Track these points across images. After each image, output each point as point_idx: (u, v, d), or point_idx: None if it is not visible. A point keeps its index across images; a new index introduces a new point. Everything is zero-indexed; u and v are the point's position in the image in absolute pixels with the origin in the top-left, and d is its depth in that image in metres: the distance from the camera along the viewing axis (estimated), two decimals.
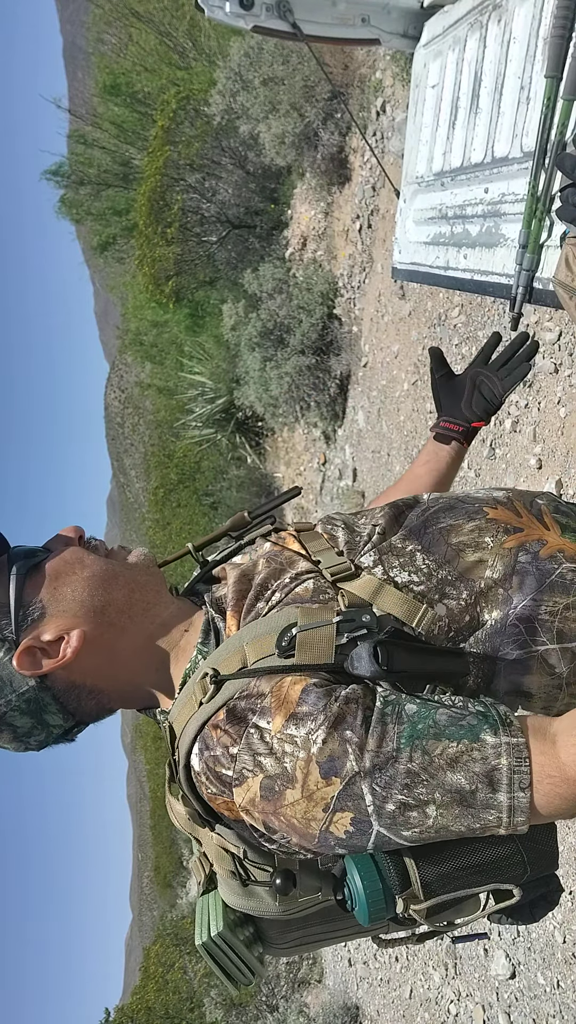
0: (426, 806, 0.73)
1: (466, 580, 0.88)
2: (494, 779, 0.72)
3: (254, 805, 0.77)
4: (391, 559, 0.90)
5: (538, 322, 3.49)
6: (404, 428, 5.26)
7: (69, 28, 45.00)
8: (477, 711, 0.77)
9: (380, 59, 5.63)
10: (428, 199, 2.36)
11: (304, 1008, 6.73)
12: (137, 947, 31.62)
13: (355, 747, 0.73)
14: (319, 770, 0.74)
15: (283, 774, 0.75)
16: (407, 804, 0.73)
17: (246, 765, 0.77)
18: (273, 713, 0.77)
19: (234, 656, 0.84)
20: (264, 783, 0.76)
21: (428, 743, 0.74)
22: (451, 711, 0.76)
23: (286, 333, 6.86)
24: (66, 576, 0.89)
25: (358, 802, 0.73)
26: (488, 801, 0.72)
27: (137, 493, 22.31)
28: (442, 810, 0.73)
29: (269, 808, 0.76)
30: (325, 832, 0.75)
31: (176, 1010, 10.16)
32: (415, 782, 0.72)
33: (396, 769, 0.73)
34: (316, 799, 0.74)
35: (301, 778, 0.74)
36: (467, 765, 0.72)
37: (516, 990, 3.31)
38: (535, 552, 0.90)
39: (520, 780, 0.72)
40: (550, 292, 1.62)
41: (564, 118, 1.55)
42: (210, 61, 9.49)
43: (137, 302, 11.77)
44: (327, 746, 0.74)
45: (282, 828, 0.77)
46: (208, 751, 0.81)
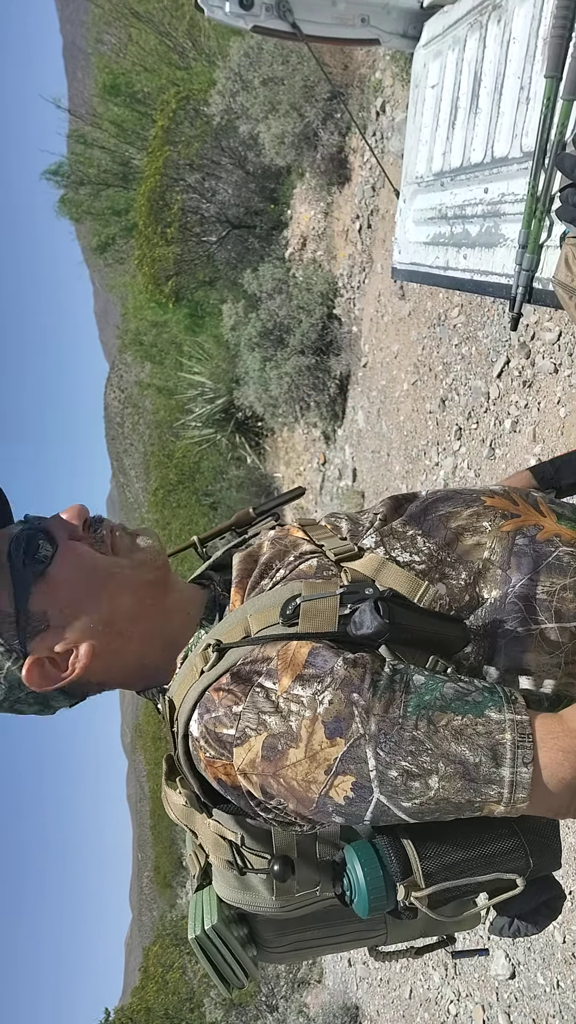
0: (429, 776, 0.72)
1: (465, 561, 0.89)
2: (498, 753, 0.72)
3: (254, 766, 0.76)
4: (392, 541, 0.92)
5: (538, 322, 3.49)
6: (404, 428, 5.26)
7: (69, 28, 45.01)
8: (483, 687, 0.78)
9: (380, 59, 5.63)
10: (428, 199, 2.36)
11: (304, 1008, 6.73)
12: (137, 947, 31.62)
13: (362, 710, 0.73)
14: (324, 729, 0.73)
15: (287, 732, 0.75)
16: (410, 772, 0.73)
17: (249, 724, 0.77)
18: (280, 674, 0.77)
19: (237, 627, 0.85)
20: (267, 741, 0.75)
21: (434, 714, 0.74)
22: (458, 686, 0.77)
23: (286, 333, 6.86)
24: (72, 587, 0.86)
25: (361, 766, 0.73)
26: (491, 775, 0.72)
27: (137, 493, 22.31)
28: (444, 781, 0.73)
29: (269, 769, 0.76)
30: (324, 796, 0.75)
31: (176, 1010, 10.16)
32: (420, 750, 0.72)
33: (402, 736, 0.73)
34: (319, 759, 0.74)
35: (306, 737, 0.74)
36: (471, 738, 0.73)
37: (516, 990, 3.31)
38: (532, 536, 0.92)
39: (524, 755, 0.72)
40: (550, 292, 1.62)
41: (564, 118, 1.55)
42: (210, 61, 9.49)
43: (137, 302, 11.77)
44: (333, 707, 0.74)
45: (280, 792, 0.76)
46: (209, 713, 0.80)
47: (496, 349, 3.91)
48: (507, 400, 3.78)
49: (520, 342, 3.64)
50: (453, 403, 4.44)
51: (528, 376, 3.59)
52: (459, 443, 4.31)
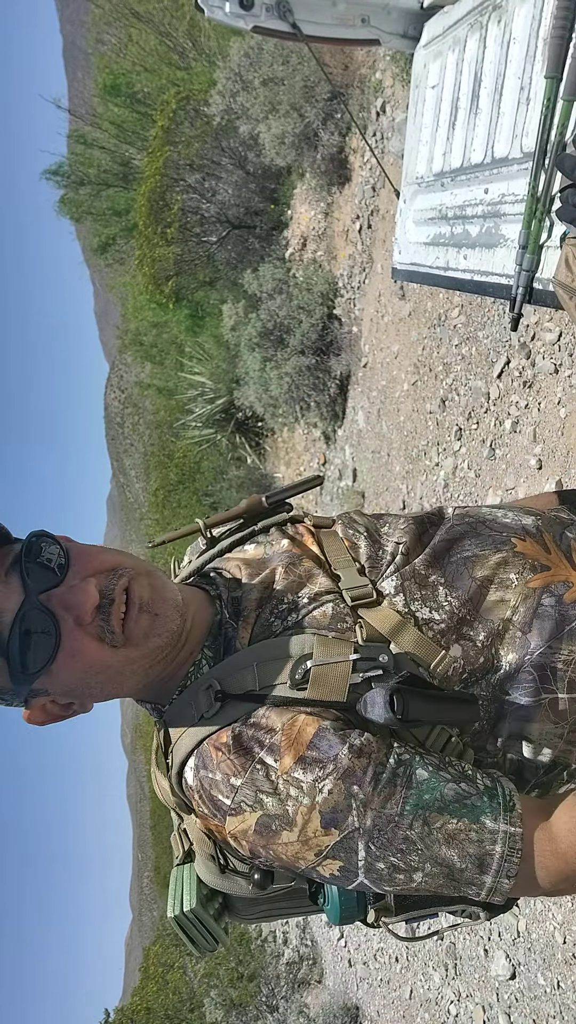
0: (414, 872, 0.75)
1: (485, 620, 0.86)
2: (484, 863, 0.74)
3: (245, 836, 0.77)
4: (413, 589, 0.87)
5: (538, 322, 3.49)
6: (404, 428, 5.26)
7: (69, 28, 45.01)
8: (485, 787, 0.78)
9: (380, 59, 5.63)
10: (428, 199, 2.36)
11: (304, 1008, 6.73)
12: (137, 947, 31.61)
13: (360, 803, 0.74)
14: (320, 819, 0.74)
15: (283, 815, 0.75)
16: (397, 867, 0.74)
17: (246, 799, 0.77)
18: (282, 752, 0.77)
19: (242, 675, 0.82)
20: (262, 819, 0.76)
21: (431, 815, 0.75)
22: (459, 787, 0.77)
23: (286, 333, 6.86)
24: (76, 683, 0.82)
25: (351, 855, 0.75)
26: (473, 879, 0.75)
27: (137, 493, 22.31)
28: (428, 878, 0.75)
29: (261, 842, 0.77)
30: (311, 870, 0.77)
31: (176, 1010, 10.15)
32: (410, 849, 0.74)
33: (395, 834, 0.74)
34: (311, 845, 0.75)
35: (301, 823, 0.75)
36: (463, 844, 0.74)
37: (516, 991, 3.31)
38: (559, 595, 0.87)
39: (509, 869, 0.74)
40: (550, 293, 1.62)
41: (564, 118, 1.55)
42: (210, 61, 9.49)
43: (137, 302, 11.77)
44: (332, 797, 0.74)
45: (269, 857, 0.78)
46: (205, 771, 0.80)
47: (496, 349, 3.91)
48: (507, 400, 3.78)
49: (520, 342, 3.64)
50: (453, 403, 4.44)
51: (528, 376, 3.59)
52: (459, 443, 4.31)
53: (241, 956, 8.26)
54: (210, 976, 8.55)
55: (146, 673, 0.85)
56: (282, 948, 7.96)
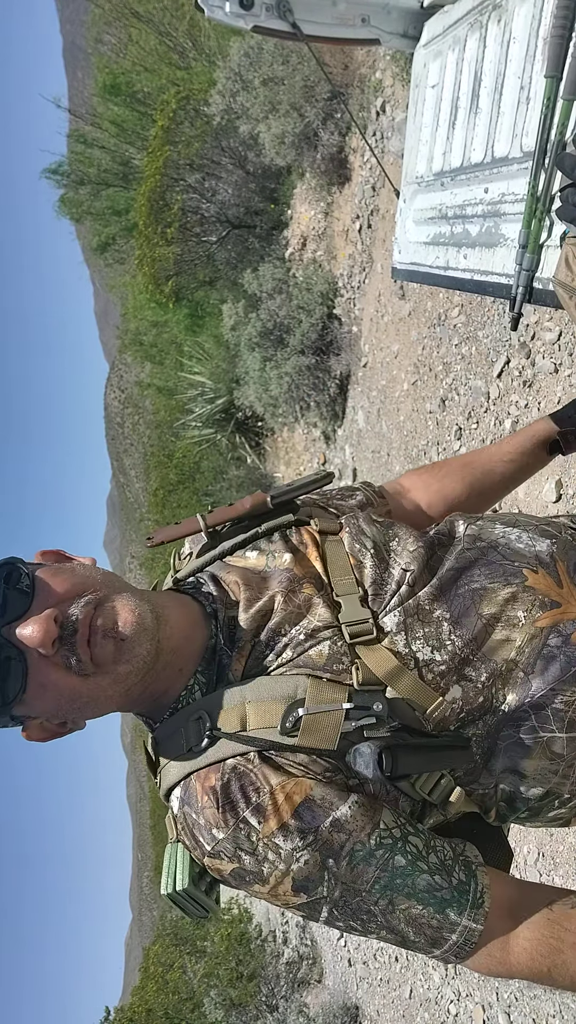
0: (369, 934, 0.82)
1: (488, 660, 0.85)
2: (437, 942, 0.80)
3: (219, 874, 0.83)
4: (416, 626, 0.86)
5: (538, 322, 3.49)
6: (404, 428, 5.26)
7: (69, 28, 45.00)
8: (459, 882, 0.80)
9: (380, 59, 5.63)
10: (428, 199, 2.36)
11: (304, 1008, 6.73)
12: (137, 947, 31.61)
13: (331, 876, 0.78)
14: (292, 884, 0.78)
15: (258, 873, 0.79)
16: (353, 928, 0.81)
17: (225, 851, 0.80)
18: (268, 815, 0.78)
19: (233, 712, 0.82)
20: (237, 871, 0.80)
21: (397, 897, 0.79)
22: (432, 880, 0.79)
23: (286, 333, 6.86)
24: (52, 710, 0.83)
25: (314, 913, 0.81)
26: (424, 949, 0.81)
27: (137, 493, 22.30)
28: (382, 940, 0.83)
29: (233, 882, 0.83)
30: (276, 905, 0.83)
31: (176, 1010, 10.15)
32: (370, 919, 0.80)
33: (360, 906, 0.79)
34: (280, 898, 0.80)
35: (273, 883, 0.79)
36: (421, 927, 0.79)
37: (516, 989, 3.31)
38: (567, 635, 0.86)
39: (459, 953, 0.80)
40: (550, 292, 1.62)
41: (564, 118, 1.55)
42: (210, 61, 9.49)
43: (137, 302, 11.77)
44: (307, 867, 0.78)
45: (241, 890, 0.84)
46: (190, 809, 0.81)
47: (496, 349, 3.91)
48: (507, 400, 3.78)
49: (520, 342, 3.64)
50: (453, 403, 4.44)
51: (528, 376, 3.59)
52: (459, 443, 4.31)
53: (241, 956, 8.26)
54: (210, 976, 8.55)
55: (126, 695, 0.84)
56: (282, 948, 7.96)
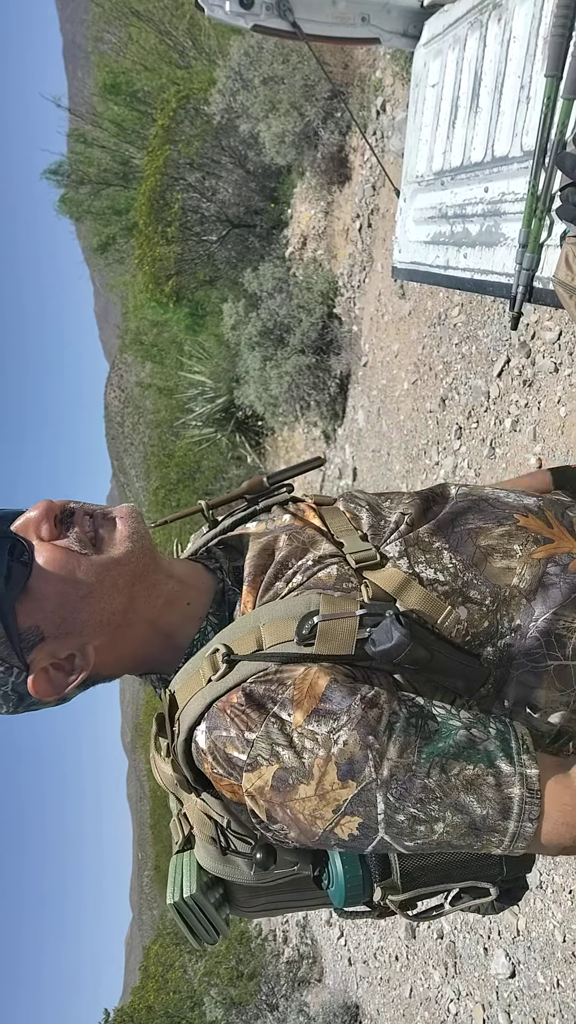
0: (435, 822, 0.73)
1: (490, 584, 0.86)
2: (506, 807, 0.73)
3: (262, 793, 0.76)
4: (417, 552, 0.88)
5: (538, 321, 3.49)
6: (404, 427, 5.26)
7: (69, 27, 44.98)
8: (498, 731, 0.77)
9: (380, 58, 5.62)
10: (428, 198, 2.36)
11: (304, 1007, 6.73)
12: (137, 946, 31.63)
13: (376, 754, 0.73)
14: (337, 771, 0.73)
15: (300, 768, 0.74)
16: (417, 818, 0.73)
17: (262, 753, 0.76)
18: (295, 705, 0.76)
19: (249, 636, 0.82)
20: (278, 773, 0.75)
21: (447, 762, 0.74)
22: (471, 733, 0.76)
23: (286, 332, 6.86)
24: (58, 598, 0.81)
25: (370, 809, 0.73)
26: (496, 826, 0.73)
27: (137, 493, 22.30)
28: (449, 828, 0.73)
29: (278, 799, 0.76)
30: (329, 832, 0.75)
31: (176, 1009, 10.15)
32: (429, 798, 0.73)
33: (413, 783, 0.73)
34: (329, 799, 0.74)
35: (318, 776, 0.74)
36: (481, 790, 0.73)
37: (516, 989, 3.31)
38: (564, 564, 0.88)
39: (530, 811, 0.73)
40: (550, 291, 1.62)
41: (564, 117, 1.55)
42: (210, 60, 9.49)
43: (137, 302, 11.76)
44: (348, 748, 0.74)
45: (285, 820, 0.77)
46: (218, 731, 0.79)
47: (496, 348, 3.91)
48: (507, 399, 3.78)
49: (520, 341, 3.64)
50: (453, 402, 4.44)
51: (528, 375, 3.59)
52: (459, 442, 4.31)
53: (241, 955, 8.26)
54: (210, 975, 8.55)
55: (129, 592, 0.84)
56: (282, 947, 7.96)
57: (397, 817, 0.73)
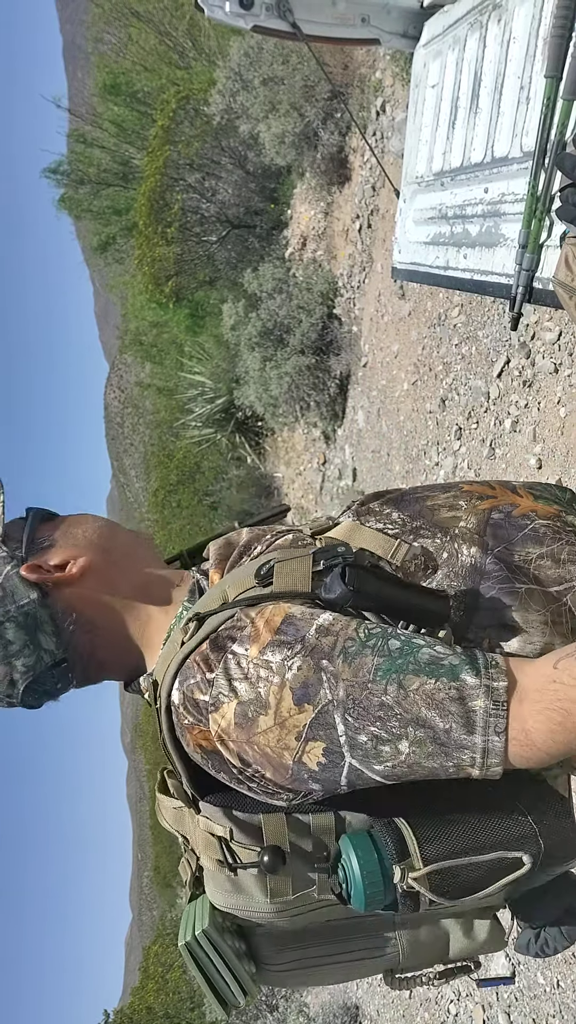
0: (399, 740, 0.72)
1: (441, 527, 0.91)
2: (470, 720, 0.71)
3: (228, 733, 0.77)
4: (368, 517, 0.95)
5: (538, 322, 3.49)
6: (404, 428, 5.26)
7: (69, 27, 45.01)
8: (462, 651, 0.76)
9: (380, 59, 5.63)
10: (428, 199, 2.36)
11: (304, 1008, 6.73)
12: (137, 947, 31.63)
13: (330, 676, 0.73)
14: (292, 696, 0.74)
15: (256, 699, 0.75)
16: (379, 737, 0.72)
17: (222, 690, 0.77)
18: (252, 640, 0.77)
19: (216, 597, 0.86)
20: (238, 709, 0.76)
21: (405, 677, 0.72)
22: (434, 651, 0.75)
23: (286, 333, 6.86)
24: (78, 522, 0.96)
25: (330, 732, 0.73)
26: (462, 741, 0.71)
27: (137, 493, 22.30)
28: (415, 747, 0.72)
29: (243, 736, 0.76)
30: (298, 763, 0.74)
31: (176, 1010, 10.15)
32: (388, 715, 0.72)
33: (370, 701, 0.72)
34: (288, 726, 0.74)
35: (274, 704, 0.74)
36: (443, 704, 0.71)
37: (516, 990, 3.31)
38: (508, 512, 0.92)
39: (496, 724, 0.70)
40: (550, 292, 1.62)
41: (564, 118, 1.55)
42: (210, 61, 9.49)
43: (137, 302, 11.76)
44: (301, 672, 0.74)
45: (256, 759, 0.77)
46: (187, 680, 0.81)
47: (496, 349, 3.91)
48: (507, 400, 3.78)
49: (520, 342, 3.64)
50: (453, 403, 4.44)
51: (528, 376, 3.59)
52: (459, 443, 4.31)
53: None
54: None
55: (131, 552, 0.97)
56: None
57: (359, 738, 0.72)
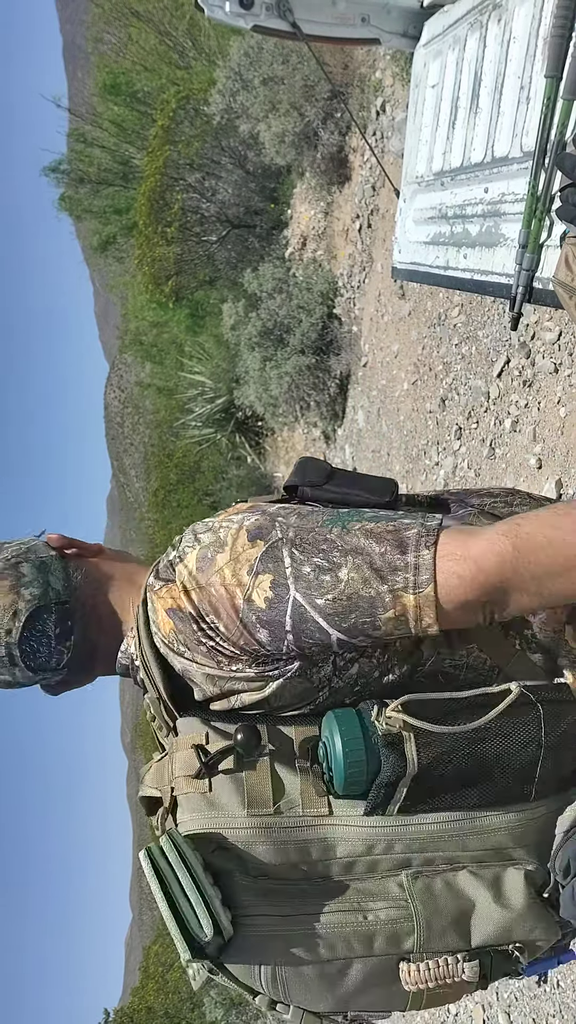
0: (339, 569, 0.78)
1: None
2: (403, 543, 0.78)
3: (192, 578, 0.84)
4: None
5: (538, 322, 3.49)
6: (404, 428, 5.26)
7: (69, 27, 45.01)
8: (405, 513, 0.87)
9: (380, 59, 5.63)
10: (428, 199, 2.36)
11: None
12: (137, 947, 31.63)
13: (282, 523, 0.83)
14: (247, 535, 0.82)
15: (216, 541, 0.84)
16: (322, 567, 0.79)
17: (187, 543, 0.88)
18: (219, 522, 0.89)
19: None
20: (199, 553, 0.85)
21: (350, 522, 0.82)
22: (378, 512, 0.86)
23: (286, 333, 6.86)
24: None
25: (278, 564, 0.80)
26: (395, 562, 0.77)
27: (137, 493, 22.30)
28: (354, 574, 0.77)
29: (203, 579, 0.83)
30: (248, 601, 0.80)
31: (176, 1010, 10.16)
32: (331, 548, 0.80)
33: (316, 538, 0.81)
34: (241, 560, 0.81)
35: (231, 542, 0.83)
36: (380, 534, 0.79)
37: (516, 989, 3.31)
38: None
39: (426, 540, 0.78)
40: (550, 292, 1.62)
41: (564, 118, 1.55)
42: (210, 60, 9.48)
43: (137, 302, 11.76)
44: (258, 521, 0.84)
45: (213, 605, 0.82)
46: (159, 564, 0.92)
47: (496, 349, 3.91)
48: (507, 400, 3.78)
49: (520, 342, 3.64)
50: (453, 403, 4.44)
51: (528, 376, 3.59)
52: (459, 443, 4.31)
53: None
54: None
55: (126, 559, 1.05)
56: None
57: (303, 569, 0.79)
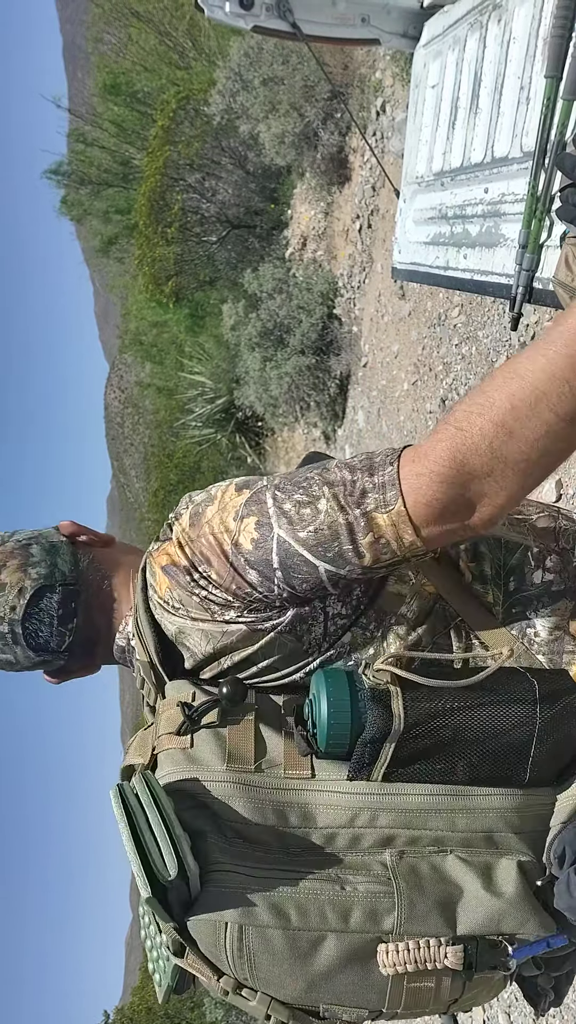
0: (318, 500, 0.82)
1: None
2: (372, 466, 0.82)
3: (184, 533, 0.89)
4: None
5: (538, 322, 3.49)
6: (404, 428, 5.26)
7: (69, 28, 45.00)
8: None
9: (380, 59, 5.63)
10: (428, 199, 2.36)
11: None
12: (137, 946, 31.61)
13: (269, 479, 0.88)
14: (234, 486, 0.88)
15: (207, 497, 0.90)
16: (301, 502, 0.83)
17: (183, 507, 0.94)
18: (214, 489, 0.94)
19: None
20: (193, 509, 0.90)
21: (328, 465, 0.85)
22: None
23: (286, 333, 6.86)
24: None
25: (262, 506, 0.84)
26: (365, 486, 0.81)
27: (137, 493, 22.30)
28: (331, 502, 0.81)
29: (195, 532, 0.88)
30: (235, 545, 0.84)
31: (176, 1010, 10.15)
32: (310, 483, 0.84)
33: (297, 479, 0.86)
34: (228, 508, 0.86)
35: (219, 495, 0.88)
36: (354, 466, 0.83)
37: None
38: None
39: (390, 458, 0.81)
40: (550, 292, 1.62)
41: (564, 118, 1.55)
42: (210, 61, 9.49)
43: (137, 302, 11.77)
44: (246, 478, 0.90)
45: (204, 555, 0.86)
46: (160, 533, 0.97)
47: (496, 349, 3.91)
48: None
49: (520, 342, 3.64)
50: (453, 403, 4.44)
51: None
52: None
53: None
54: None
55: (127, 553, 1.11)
56: None
57: (285, 506, 0.83)
